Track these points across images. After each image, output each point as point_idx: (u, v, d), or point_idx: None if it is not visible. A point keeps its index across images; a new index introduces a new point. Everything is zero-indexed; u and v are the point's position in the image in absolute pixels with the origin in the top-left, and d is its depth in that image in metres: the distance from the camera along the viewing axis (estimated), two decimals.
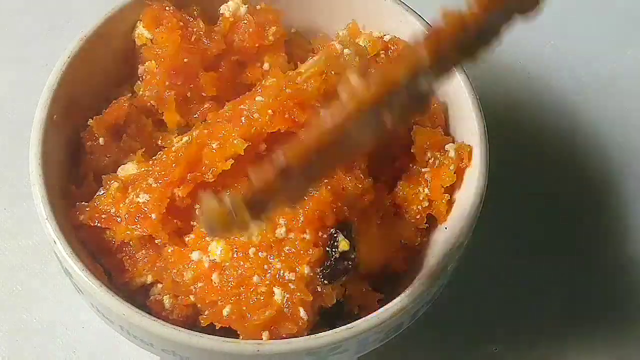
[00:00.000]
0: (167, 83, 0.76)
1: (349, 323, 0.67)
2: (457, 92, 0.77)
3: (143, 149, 0.75)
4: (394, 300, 0.68)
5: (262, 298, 0.67)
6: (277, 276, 0.67)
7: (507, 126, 0.96)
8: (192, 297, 0.70)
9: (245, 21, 0.79)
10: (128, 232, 0.70)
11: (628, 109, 1.00)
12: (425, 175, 0.74)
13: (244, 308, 0.67)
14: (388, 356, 0.82)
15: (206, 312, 0.69)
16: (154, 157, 0.73)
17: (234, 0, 0.80)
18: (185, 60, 0.76)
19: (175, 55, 0.76)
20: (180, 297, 0.71)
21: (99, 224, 0.71)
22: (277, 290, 0.67)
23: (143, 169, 0.72)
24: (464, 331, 0.86)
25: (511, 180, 0.92)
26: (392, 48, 0.80)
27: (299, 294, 0.67)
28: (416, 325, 0.74)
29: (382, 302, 0.70)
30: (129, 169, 0.74)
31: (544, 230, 0.92)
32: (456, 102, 0.77)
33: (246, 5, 0.80)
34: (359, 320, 0.67)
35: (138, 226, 0.69)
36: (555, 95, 1.00)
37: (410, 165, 0.76)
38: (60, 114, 0.74)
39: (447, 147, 0.74)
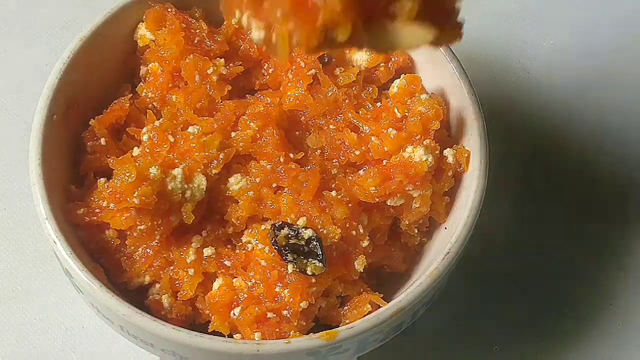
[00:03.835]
0: (170, 85, 0.76)
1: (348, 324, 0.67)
2: (457, 92, 0.77)
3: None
4: (394, 301, 0.68)
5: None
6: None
7: (507, 126, 0.96)
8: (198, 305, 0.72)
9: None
10: (124, 217, 0.70)
11: (628, 107, 1.00)
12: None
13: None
14: (388, 356, 0.82)
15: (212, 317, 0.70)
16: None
17: None
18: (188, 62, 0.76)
19: (179, 58, 0.76)
20: (179, 293, 0.71)
21: (95, 219, 0.71)
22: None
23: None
24: (464, 331, 0.86)
25: (511, 180, 0.92)
26: (393, 60, 0.80)
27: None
28: (416, 325, 0.74)
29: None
30: None
31: (544, 230, 0.92)
32: (456, 102, 0.77)
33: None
34: (359, 320, 0.67)
35: (126, 214, 0.69)
36: (555, 95, 1.00)
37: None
38: (60, 114, 0.74)
39: (445, 152, 0.74)
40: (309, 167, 0.73)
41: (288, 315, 0.68)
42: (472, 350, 0.85)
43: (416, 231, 0.75)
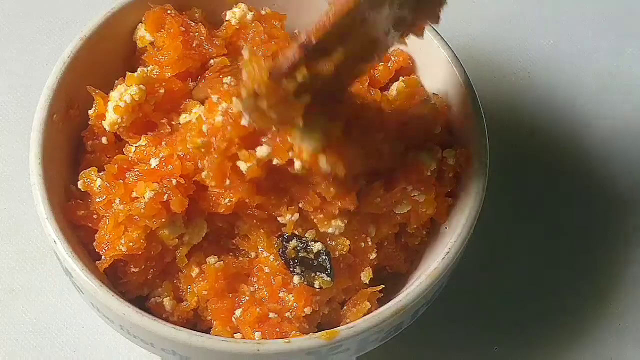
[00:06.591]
0: None
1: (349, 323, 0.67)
2: (457, 92, 0.77)
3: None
4: (394, 300, 0.68)
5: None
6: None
7: (507, 126, 0.96)
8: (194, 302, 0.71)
9: (254, 29, 0.78)
10: (119, 247, 0.69)
11: (627, 108, 1.00)
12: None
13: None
14: (388, 356, 0.81)
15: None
16: None
17: (240, 6, 0.80)
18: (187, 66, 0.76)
19: (177, 62, 0.75)
20: (182, 304, 0.71)
21: (95, 218, 0.71)
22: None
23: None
24: (464, 331, 0.86)
25: (511, 180, 0.92)
26: (393, 59, 0.80)
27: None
28: (416, 325, 0.74)
29: (382, 302, 0.70)
30: None
31: (543, 230, 0.92)
32: (456, 102, 0.77)
33: (252, 12, 0.79)
34: (359, 320, 0.67)
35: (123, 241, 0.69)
36: (555, 95, 1.00)
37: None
38: (60, 114, 0.74)
39: (445, 153, 0.74)
40: None
41: (290, 317, 0.68)
42: (472, 350, 0.85)
43: (424, 233, 0.75)
